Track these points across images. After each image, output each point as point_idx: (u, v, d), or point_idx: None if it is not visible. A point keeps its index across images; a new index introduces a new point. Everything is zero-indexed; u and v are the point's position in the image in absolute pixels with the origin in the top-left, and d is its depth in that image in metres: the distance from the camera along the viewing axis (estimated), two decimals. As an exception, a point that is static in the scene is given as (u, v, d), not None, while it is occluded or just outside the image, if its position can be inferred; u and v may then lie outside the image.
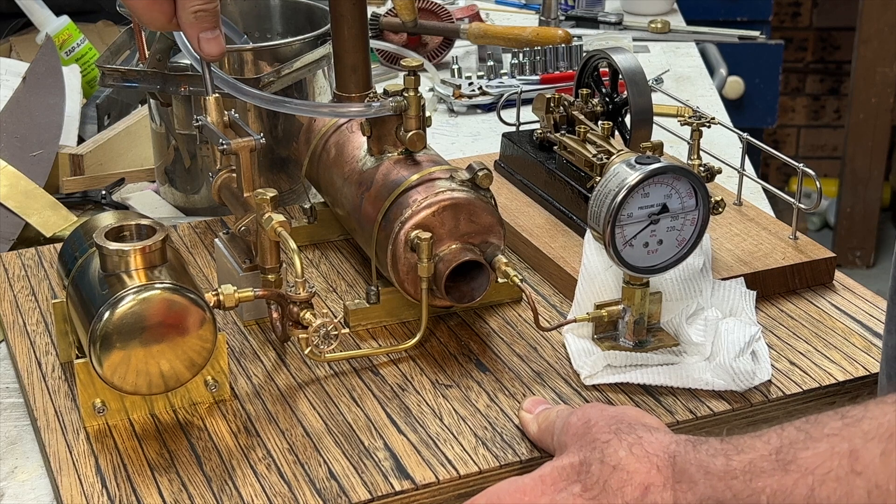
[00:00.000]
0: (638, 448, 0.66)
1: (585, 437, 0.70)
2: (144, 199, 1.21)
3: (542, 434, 0.77)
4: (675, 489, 0.64)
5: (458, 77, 1.51)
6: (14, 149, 1.22)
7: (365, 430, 0.81)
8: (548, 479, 0.69)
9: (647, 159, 0.83)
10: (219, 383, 0.83)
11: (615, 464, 0.66)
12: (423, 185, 0.89)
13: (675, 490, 0.64)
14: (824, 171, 3.55)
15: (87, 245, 0.84)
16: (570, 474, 0.68)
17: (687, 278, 0.91)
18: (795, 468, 0.59)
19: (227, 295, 0.83)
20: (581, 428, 0.71)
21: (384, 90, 0.92)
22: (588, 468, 0.67)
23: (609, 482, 0.66)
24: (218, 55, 0.86)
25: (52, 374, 0.87)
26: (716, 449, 0.63)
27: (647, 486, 0.65)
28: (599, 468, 0.67)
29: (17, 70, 1.37)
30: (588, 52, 1.09)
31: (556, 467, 0.69)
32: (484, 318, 0.94)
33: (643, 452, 0.66)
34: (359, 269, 1.02)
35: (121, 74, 1.12)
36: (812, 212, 1.52)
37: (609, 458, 0.67)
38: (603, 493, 0.66)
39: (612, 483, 0.66)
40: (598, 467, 0.67)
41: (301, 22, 1.23)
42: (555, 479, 0.68)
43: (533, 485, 0.69)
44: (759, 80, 2.26)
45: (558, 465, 0.69)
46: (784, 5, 3.55)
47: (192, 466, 0.77)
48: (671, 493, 0.64)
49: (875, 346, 0.90)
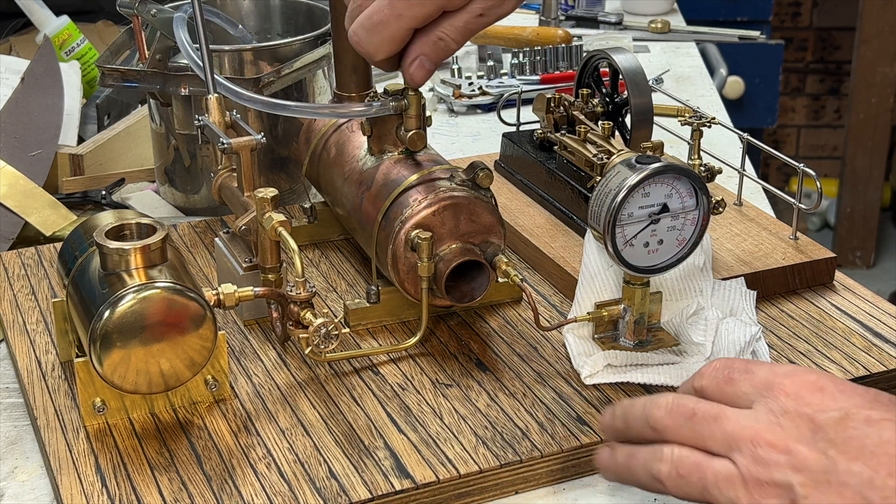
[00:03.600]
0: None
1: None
2: (144, 199, 1.22)
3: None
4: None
5: (458, 77, 1.51)
6: (13, 149, 1.22)
7: (365, 430, 0.81)
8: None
9: (648, 159, 0.83)
10: (219, 382, 0.83)
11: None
12: (423, 185, 0.89)
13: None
14: (824, 171, 3.55)
15: (87, 244, 0.84)
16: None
17: (687, 278, 0.91)
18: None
19: (227, 294, 0.83)
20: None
21: (384, 90, 0.92)
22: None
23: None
24: (420, 82, 0.85)
25: (51, 373, 0.87)
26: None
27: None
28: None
29: (17, 68, 1.37)
30: (588, 52, 1.09)
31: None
32: (484, 318, 0.94)
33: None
34: (359, 268, 1.02)
35: (121, 74, 1.12)
36: (812, 212, 1.52)
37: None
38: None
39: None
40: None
41: (301, 22, 1.23)
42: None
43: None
44: (759, 80, 2.26)
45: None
46: (784, 5, 3.55)
47: (192, 465, 0.77)
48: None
49: (875, 346, 0.90)
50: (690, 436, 0.66)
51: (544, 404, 0.83)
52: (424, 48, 0.82)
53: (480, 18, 0.81)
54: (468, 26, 0.81)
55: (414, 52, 0.83)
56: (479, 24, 0.81)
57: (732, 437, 0.65)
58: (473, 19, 0.81)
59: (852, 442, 0.62)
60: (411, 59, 0.83)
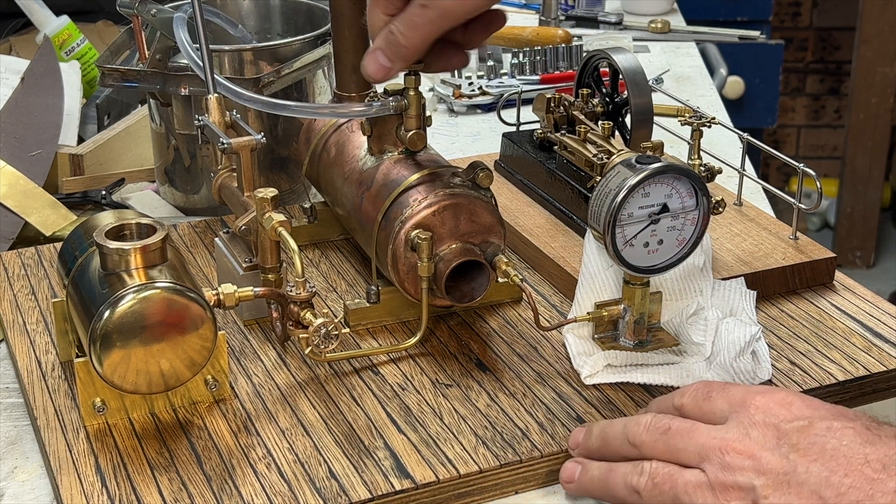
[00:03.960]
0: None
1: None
2: (144, 199, 1.21)
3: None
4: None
5: (458, 77, 1.51)
6: (13, 149, 1.22)
7: (365, 430, 0.81)
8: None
9: (648, 159, 0.83)
10: (219, 382, 0.83)
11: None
12: (423, 185, 0.89)
13: None
14: (824, 171, 3.55)
15: (87, 244, 0.84)
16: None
17: (687, 278, 0.91)
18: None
19: (227, 294, 0.83)
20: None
21: (384, 90, 0.92)
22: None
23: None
24: (372, 74, 0.85)
25: (51, 373, 0.87)
26: None
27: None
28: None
29: (17, 68, 1.37)
30: (588, 52, 1.09)
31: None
32: (484, 318, 0.94)
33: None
34: (359, 268, 1.02)
35: (121, 74, 1.12)
36: (812, 212, 1.52)
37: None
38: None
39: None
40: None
41: (301, 22, 1.23)
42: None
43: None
44: (759, 80, 2.26)
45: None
46: (784, 5, 3.55)
47: (192, 465, 0.77)
48: None
49: (875, 346, 0.90)
50: (665, 450, 0.70)
51: (544, 404, 0.83)
52: (380, 41, 0.83)
53: (423, 10, 0.80)
54: (412, 18, 0.81)
55: (373, 45, 0.84)
56: (424, 16, 0.81)
57: (703, 448, 0.68)
58: (417, 9, 0.81)
59: (813, 447, 0.66)
60: (369, 51, 0.84)
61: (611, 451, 0.74)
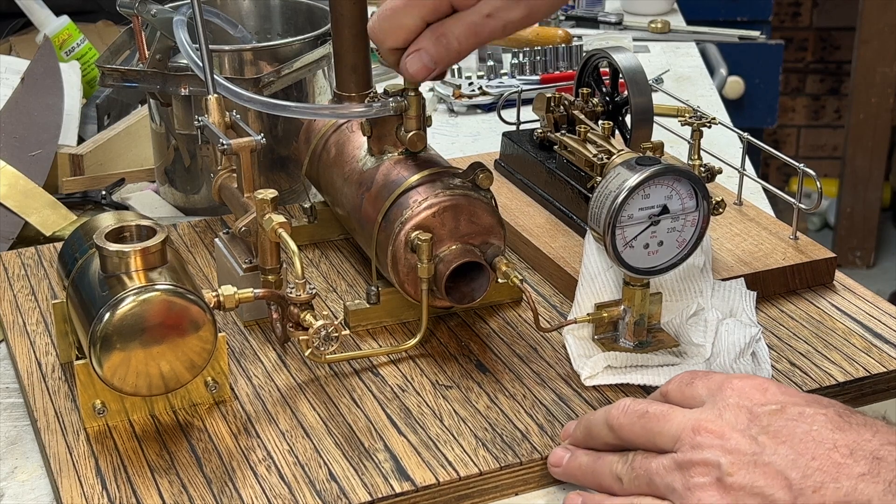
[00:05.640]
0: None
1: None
2: (144, 199, 1.21)
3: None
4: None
5: (458, 77, 1.51)
6: (13, 149, 1.22)
7: (365, 432, 0.81)
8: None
9: (648, 160, 0.83)
10: (219, 384, 0.83)
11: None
12: (423, 186, 0.89)
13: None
14: (824, 171, 3.55)
15: (86, 246, 0.84)
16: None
17: (687, 279, 0.91)
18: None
19: (227, 296, 0.83)
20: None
21: (384, 90, 0.92)
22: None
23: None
24: (415, 74, 0.84)
25: (52, 374, 0.87)
26: None
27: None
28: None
29: (17, 68, 1.37)
30: (588, 52, 1.09)
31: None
32: (484, 319, 0.94)
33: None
34: (359, 269, 1.02)
35: (121, 74, 1.12)
36: (812, 212, 1.52)
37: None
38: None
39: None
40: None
41: (301, 22, 1.23)
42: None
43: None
44: (759, 80, 2.26)
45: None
46: (784, 5, 3.55)
47: (193, 468, 0.77)
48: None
49: (875, 347, 0.90)
50: (641, 433, 0.72)
51: (544, 406, 0.83)
52: (425, 42, 0.82)
53: (488, 19, 0.80)
54: (474, 27, 0.81)
55: (415, 45, 0.83)
56: (487, 26, 0.80)
57: (677, 430, 0.70)
58: (480, 19, 0.80)
59: (783, 430, 0.67)
60: (410, 51, 0.83)
61: (593, 437, 0.76)
